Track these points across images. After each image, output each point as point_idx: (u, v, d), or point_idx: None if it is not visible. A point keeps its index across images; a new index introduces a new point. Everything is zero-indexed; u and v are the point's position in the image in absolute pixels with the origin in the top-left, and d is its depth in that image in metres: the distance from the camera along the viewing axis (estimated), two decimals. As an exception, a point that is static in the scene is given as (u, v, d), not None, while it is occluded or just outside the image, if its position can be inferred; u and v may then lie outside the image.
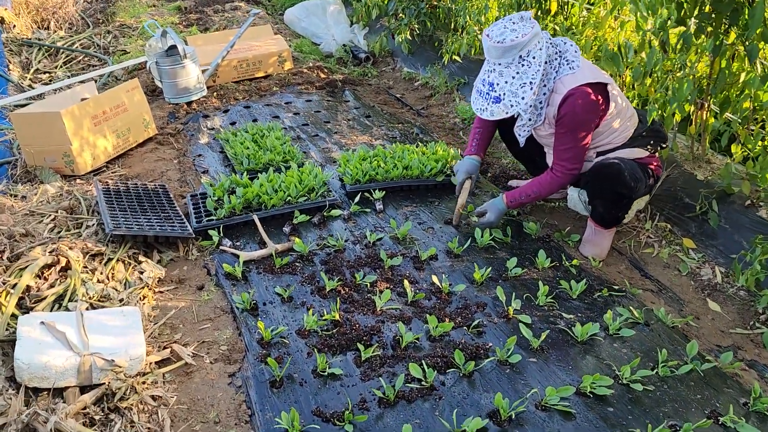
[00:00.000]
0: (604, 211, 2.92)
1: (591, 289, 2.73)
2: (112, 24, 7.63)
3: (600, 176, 2.83)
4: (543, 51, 2.69)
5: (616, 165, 2.78)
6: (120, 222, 3.03)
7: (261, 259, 3.02)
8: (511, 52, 2.66)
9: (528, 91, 2.70)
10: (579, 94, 2.71)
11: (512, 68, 2.70)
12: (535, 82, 2.69)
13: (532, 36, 2.65)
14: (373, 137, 4.34)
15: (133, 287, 2.76)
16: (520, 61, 2.68)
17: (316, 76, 5.54)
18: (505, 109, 2.75)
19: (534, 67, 2.69)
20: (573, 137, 2.80)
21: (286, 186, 3.36)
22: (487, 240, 3.00)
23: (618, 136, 2.89)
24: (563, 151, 2.86)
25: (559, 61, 2.78)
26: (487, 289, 2.73)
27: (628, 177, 2.77)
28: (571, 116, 2.75)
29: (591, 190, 2.92)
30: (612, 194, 2.84)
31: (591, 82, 2.73)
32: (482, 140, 3.27)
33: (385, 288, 2.76)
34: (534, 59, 2.68)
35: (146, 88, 5.32)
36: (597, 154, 2.95)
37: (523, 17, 2.73)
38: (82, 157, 3.85)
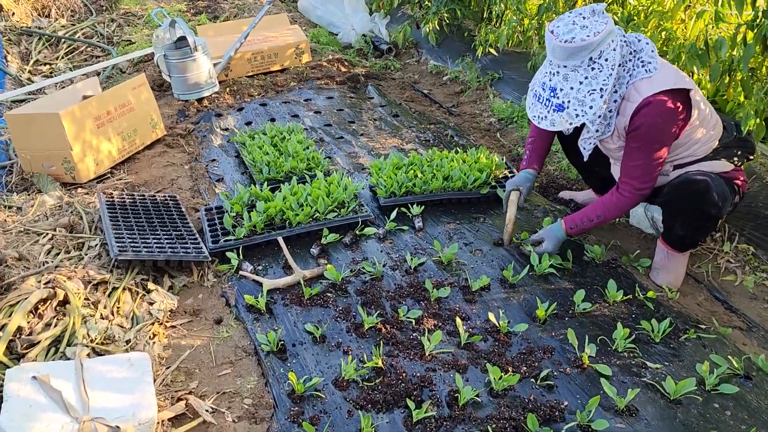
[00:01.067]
0: (685, 234, 2.53)
1: (674, 328, 2.33)
2: (117, 12, 7.22)
3: (683, 193, 2.42)
4: (617, 52, 2.29)
5: (702, 181, 2.38)
6: (126, 244, 2.66)
7: (287, 287, 2.64)
8: (580, 54, 2.26)
9: (598, 99, 2.30)
10: (656, 104, 2.31)
11: (580, 72, 2.30)
12: (606, 88, 2.29)
13: (606, 34, 2.24)
14: (404, 140, 3.94)
15: (141, 323, 2.39)
16: (591, 64, 2.28)
17: (337, 70, 5.12)
18: (569, 119, 2.35)
19: (606, 71, 2.28)
20: (646, 153, 2.40)
21: (312, 200, 2.97)
22: (546, 267, 2.61)
23: (700, 148, 2.49)
24: (633, 168, 2.46)
25: (633, 63, 2.37)
26: (552, 329, 2.35)
27: (717, 195, 2.37)
28: (647, 129, 2.34)
29: (670, 209, 2.52)
30: (696, 215, 2.44)
31: (671, 88, 2.32)
32: (537, 151, 2.87)
33: (433, 325, 2.38)
34: (606, 62, 2.28)
35: (153, 83, 4.92)
36: (674, 167, 2.54)
37: (595, 11, 2.31)
38: (84, 163, 3.47)
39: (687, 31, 2.99)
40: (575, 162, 3.01)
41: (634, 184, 2.47)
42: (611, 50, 2.28)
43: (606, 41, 2.26)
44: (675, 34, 3.04)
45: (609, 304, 2.47)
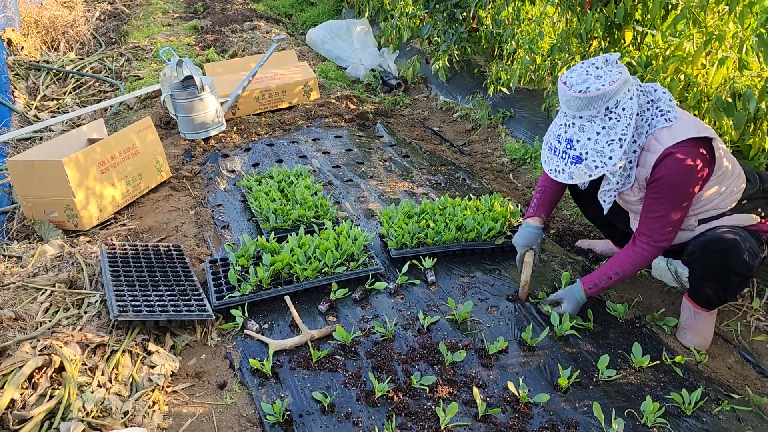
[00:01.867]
0: (713, 293, 2.39)
1: (706, 398, 2.19)
2: (125, 46, 7.21)
3: (712, 252, 2.29)
4: (634, 101, 2.19)
5: (732, 240, 2.25)
6: (127, 302, 2.55)
7: (294, 348, 2.52)
8: (596, 104, 2.17)
9: (617, 150, 2.18)
10: (678, 154, 2.20)
11: (597, 122, 2.20)
12: (625, 138, 2.18)
13: (622, 83, 2.15)
14: (414, 183, 3.84)
15: (141, 391, 2.27)
16: (607, 114, 2.18)
17: (345, 107, 5.05)
18: (588, 171, 2.23)
19: (624, 121, 2.18)
20: (667, 205, 2.28)
21: (321, 253, 2.86)
22: (567, 329, 2.48)
23: (724, 200, 2.36)
24: (652, 220, 2.33)
25: (652, 112, 2.28)
26: (576, 399, 2.21)
27: (747, 253, 2.24)
28: (668, 180, 2.24)
29: (698, 268, 2.38)
30: (726, 274, 2.31)
31: (693, 137, 2.21)
32: (546, 201, 2.74)
33: (448, 393, 2.25)
34: (624, 111, 2.18)
35: (160, 120, 4.87)
36: (699, 221, 2.42)
37: (608, 60, 2.23)
38: (86, 210, 3.38)
39: (708, 77, 2.89)
40: (591, 216, 2.90)
41: (653, 237, 2.35)
42: (628, 99, 2.19)
43: (622, 90, 2.17)
44: (696, 80, 2.94)
45: (635, 369, 2.33)
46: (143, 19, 8.47)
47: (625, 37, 3.30)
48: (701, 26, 2.89)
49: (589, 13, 3.27)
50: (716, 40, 2.78)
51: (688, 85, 3.03)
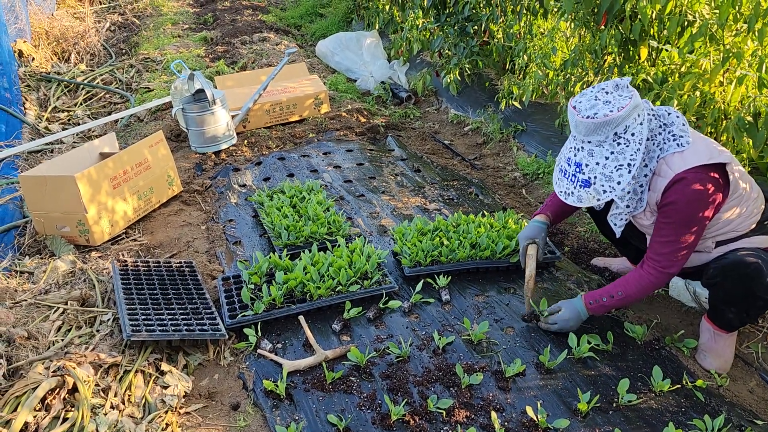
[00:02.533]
0: (735, 317, 2.36)
1: (729, 425, 2.15)
2: (135, 57, 7.23)
3: (734, 276, 2.25)
4: (644, 126, 2.18)
5: (754, 264, 2.21)
6: (140, 321, 2.53)
7: (308, 368, 2.49)
8: (604, 129, 2.17)
9: (626, 175, 2.18)
10: (690, 180, 2.19)
11: (605, 147, 2.19)
12: (634, 163, 2.17)
13: (631, 109, 2.15)
14: (427, 199, 3.81)
15: (153, 413, 2.25)
16: (616, 139, 2.18)
17: (356, 120, 5.03)
18: (596, 195, 2.23)
19: (633, 146, 2.17)
20: (677, 230, 2.26)
21: (334, 271, 2.83)
22: (585, 350, 2.44)
23: (742, 223, 2.33)
24: (661, 245, 2.30)
25: (664, 136, 2.26)
26: (596, 425, 2.17)
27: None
28: (678, 206, 2.22)
29: (720, 292, 2.35)
30: (748, 298, 2.27)
31: (706, 163, 2.19)
32: (555, 205, 2.76)
33: (465, 417, 2.21)
34: (633, 136, 2.18)
35: (170, 133, 4.87)
36: (716, 243, 2.39)
37: (618, 85, 2.24)
38: (99, 226, 3.37)
39: (726, 95, 2.86)
40: (607, 233, 2.87)
41: (661, 262, 2.32)
42: (637, 125, 2.18)
43: (631, 116, 2.17)
44: (713, 97, 2.91)
45: (655, 394, 2.29)
46: (153, 30, 8.51)
47: (640, 54, 3.27)
48: (719, 43, 2.87)
49: (605, 29, 3.25)
50: (734, 57, 2.76)
51: (704, 102, 3.00)
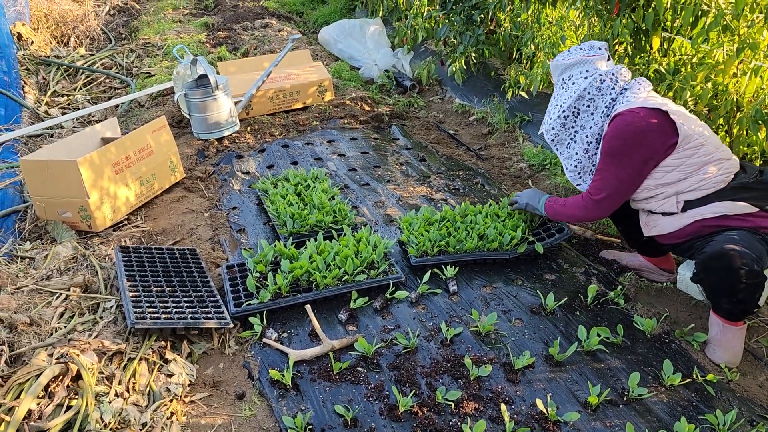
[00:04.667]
0: (732, 307, 2.33)
1: (741, 419, 2.13)
2: (135, 42, 7.15)
3: (715, 270, 2.25)
4: (587, 80, 2.52)
5: (728, 251, 2.19)
6: (144, 309, 2.49)
7: (314, 358, 2.47)
8: (555, 72, 2.64)
9: (555, 113, 2.61)
10: (624, 115, 2.44)
11: (557, 89, 2.66)
12: (562, 106, 2.58)
13: (576, 61, 2.55)
14: (432, 188, 3.77)
15: (158, 401, 2.21)
16: (562, 84, 2.62)
17: (360, 109, 4.98)
18: (541, 128, 2.74)
19: (569, 92, 2.57)
20: (606, 161, 2.51)
21: (341, 261, 2.80)
22: (595, 343, 2.42)
23: (707, 183, 2.36)
24: (595, 174, 2.59)
25: (620, 100, 2.52)
26: (606, 418, 2.14)
27: (750, 259, 2.16)
28: (608, 137, 2.48)
29: (707, 287, 2.36)
30: (735, 287, 2.23)
31: (643, 106, 2.41)
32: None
33: (474, 410, 2.19)
34: (573, 85, 2.56)
35: (172, 119, 4.81)
36: (685, 203, 2.40)
37: (592, 46, 2.60)
38: (100, 211, 3.33)
39: (740, 86, 2.82)
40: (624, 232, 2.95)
41: (590, 191, 2.60)
42: (581, 78, 2.53)
43: (576, 68, 2.55)
44: (727, 89, 2.87)
45: (666, 388, 2.26)
46: (153, 14, 8.42)
47: (652, 44, 3.23)
48: (733, 34, 2.82)
49: (617, 18, 3.20)
50: (749, 48, 2.71)
51: (717, 94, 2.96)
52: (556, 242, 2.98)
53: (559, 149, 2.72)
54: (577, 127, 2.62)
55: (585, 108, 2.56)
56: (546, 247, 2.95)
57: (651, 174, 2.46)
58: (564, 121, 2.61)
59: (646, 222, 2.60)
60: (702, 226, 2.39)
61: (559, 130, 2.65)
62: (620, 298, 2.70)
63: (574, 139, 2.65)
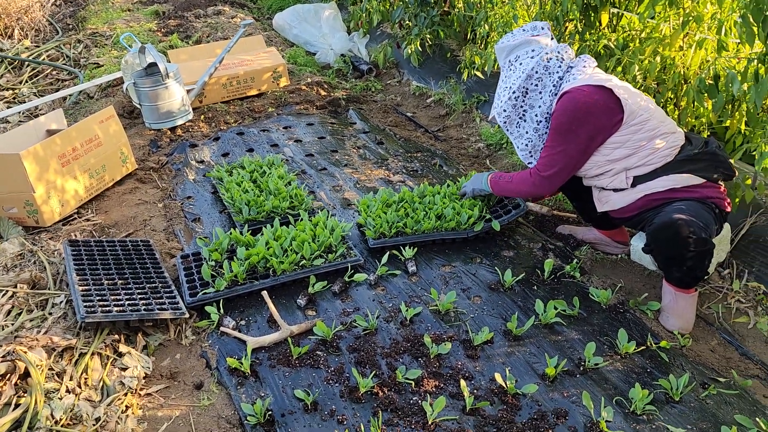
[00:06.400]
0: (683, 275, 2.37)
1: (693, 383, 2.18)
2: (83, 32, 6.92)
3: (663, 240, 2.29)
4: (534, 60, 2.54)
5: (675, 221, 2.22)
6: (94, 302, 2.42)
7: (273, 345, 2.44)
8: (501, 54, 2.65)
9: (505, 95, 2.62)
10: (571, 93, 2.46)
11: (505, 72, 2.66)
12: (512, 87, 2.58)
13: (521, 42, 2.57)
14: (390, 171, 3.76)
15: (113, 395, 2.16)
16: (509, 66, 2.63)
17: (316, 94, 4.92)
18: (492, 111, 2.72)
19: (517, 73, 2.58)
20: (553, 138, 2.54)
21: (297, 245, 2.77)
22: (552, 316, 2.44)
23: (652, 156, 2.41)
24: (543, 150, 2.62)
25: (566, 78, 2.56)
26: (564, 389, 2.17)
27: (697, 228, 2.21)
28: (557, 114, 2.51)
29: (658, 256, 2.40)
30: (683, 256, 2.28)
31: (589, 83, 2.45)
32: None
33: (434, 387, 2.19)
34: (520, 65, 2.58)
35: (123, 110, 4.68)
36: (634, 179, 2.45)
37: (535, 26, 2.63)
38: (48, 205, 3.22)
39: (686, 59, 2.86)
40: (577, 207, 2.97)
41: (538, 166, 2.62)
42: (528, 58, 2.55)
43: (522, 48, 2.56)
44: (674, 62, 2.91)
45: (621, 356, 2.31)
46: (101, 4, 8.16)
47: (601, 20, 3.25)
48: (678, 7, 2.86)
49: (566, -5, 3.22)
50: (694, 21, 2.76)
51: (665, 68, 3.00)
52: (513, 218, 2.99)
53: (509, 130, 2.73)
54: (526, 106, 2.63)
55: (533, 87, 2.58)
56: (503, 224, 2.96)
57: (599, 151, 2.50)
58: (514, 101, 2.62)
59: (599, 198, 2.63)
60: (651, 199, 2.43)
61: (510, 112, 2.66)
62: (576, 272, 2.73)
63: (524, 118, 2.67)
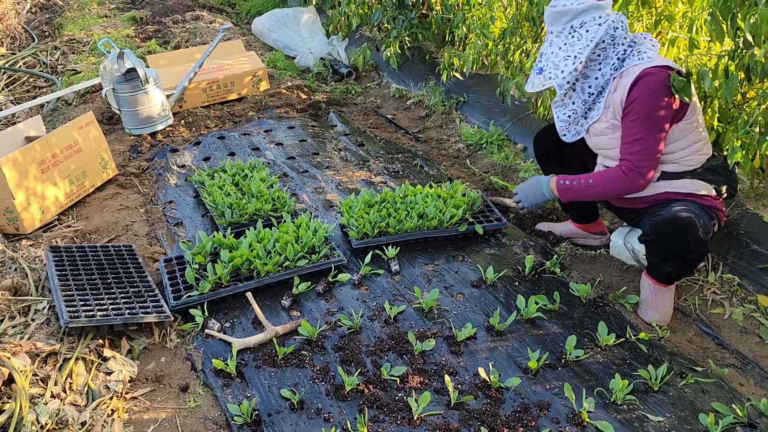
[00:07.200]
0: (672, 271, 2.43)
1: (672, 373, 2.23)
2: (60, 39, 6.86)
3: (669, 233, 2.31)
4: (602, 28, 2.33)
5: (687, 219, 2.27)
6: (78, 307, 2.41)
7: (258, 345, 2.45)
8: (561, 19, 2.39)
9: (569, 65, 2.37)
10: (654, 74, 2.30)
11: (561, 38, 2.42)
12: (580, 57, 2.36)
13: (589, 7, 2.34)
14: (372, 172, 3.78)
15: (98, 399, 2.16)
16: (571, 32, 2.39)
17: (297, 97, 4.94)
18: (543, 81, 2.44)
19: (584, 41, 2.36)
20: (645, 126, 2.34)
21: (281, 247, 2.78)
22: (533, 311, 2.49)
23: (690, 158, 2.43)
24: (631, 144, 2.38)
25: (629, 52, 2.41)
26: (545, 381, 2.21)
27: (701, 231, 2.28)
28: (643, 99, 2.31)
29: (656, 248, 2.40)
30: (683, 252, 2.34)
31: (668, 65, 2.33)
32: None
33: (419, 383, 2.22)
34: (587, 33, 2.36)
35: (102, 116, 4.65)
36: (662, 174, 2.46)
37: None
38: (28, 212, 3.20)
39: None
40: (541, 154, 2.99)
41: (632, 161, 2.39)
42: (596, 25, 2.34)
43: (589, 14, 2.34)
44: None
45: (601, 348, 2.35)
46: (78, 10, 8.10)
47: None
48: (651, 6, 2.93)
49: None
50: (666, 20, 2.83)
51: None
52: (494, 228, 3.03)
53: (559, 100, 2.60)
54: (579, 75, 2.47)
55: (595, 57, 2.41)
56: (485, 229, 3.01)
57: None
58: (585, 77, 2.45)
59: None
60: (667, 197, 2.44)
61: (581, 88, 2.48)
62: (556, 267, 2.78)
63: (574, 88, 2.52)
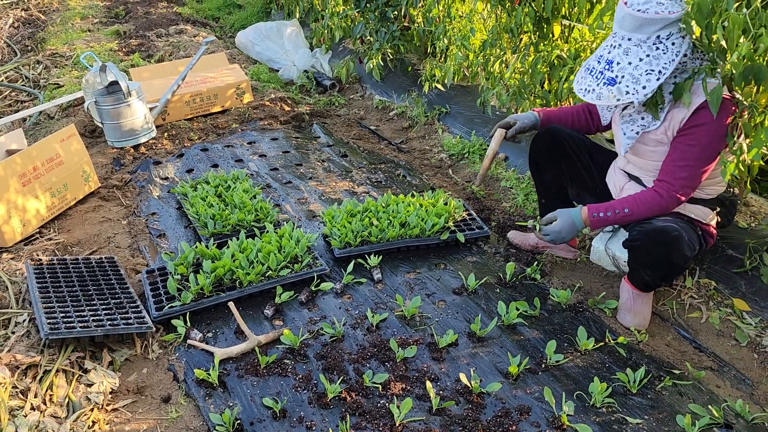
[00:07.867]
0: (651, 280, 2.47)
1: (650, 376, 2.26)
2: (42, 53, 6.85)
3: (656, 243, 2.32)
4: (686, 39, 2.12)
5: (676, 234, 2.27)
6: (58, 319, 2.40)
7: (241, 355, 2.45)
8: (649, 27, 2.11)
9: (654, 82, 2.12)
10: (726, 105, 2.13)
11: (643, 48, 2.14)
12: (665, 72, 2.11)
13: (678, 17, 2.09)
14: (355, 182, 3.81)
15: (78, 411, 2.14)
16: (656, 42, 2.12)
17: (280, 109, 4.96)
18: (618, 95, 2.16)
19: (670, 55, 2.11)
20: (703, 155, 2.21)
21: (263, 257, 2.79)
22: (514, 317, 2.51)
23: (711, 188, 2.42)
24: (680, 168, 2.25)
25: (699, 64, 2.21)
26: (526, 386, 2.23)
27: (687, 246, 2.30)
28: (709, 128, 2.16)
29: (640, 255, 2.43)
30: (666, 265, 2.37)
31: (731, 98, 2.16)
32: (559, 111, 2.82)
33: (401, 390, 2.23)
34: (673, 46, 2.12)
35: (84, 129, 4.64)
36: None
37: None
38: (9, 225, 3.18)
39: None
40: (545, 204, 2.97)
41: (674, 186, 2.28)
42: (680, 37, 2.12)
43: (676, 25, 2.11)
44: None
45: (581, 353, 2.38)
46: (60, 25, 8.09)
47: (553, 31, 3.38)
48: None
49: (519, 8, 3.34)
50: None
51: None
52: (476, 236, 3.07)
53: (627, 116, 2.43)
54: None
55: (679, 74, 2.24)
56: (467, 238, 3.04)
57: None
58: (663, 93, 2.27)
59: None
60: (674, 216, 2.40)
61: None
62: (537, 274, 2.82)
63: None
